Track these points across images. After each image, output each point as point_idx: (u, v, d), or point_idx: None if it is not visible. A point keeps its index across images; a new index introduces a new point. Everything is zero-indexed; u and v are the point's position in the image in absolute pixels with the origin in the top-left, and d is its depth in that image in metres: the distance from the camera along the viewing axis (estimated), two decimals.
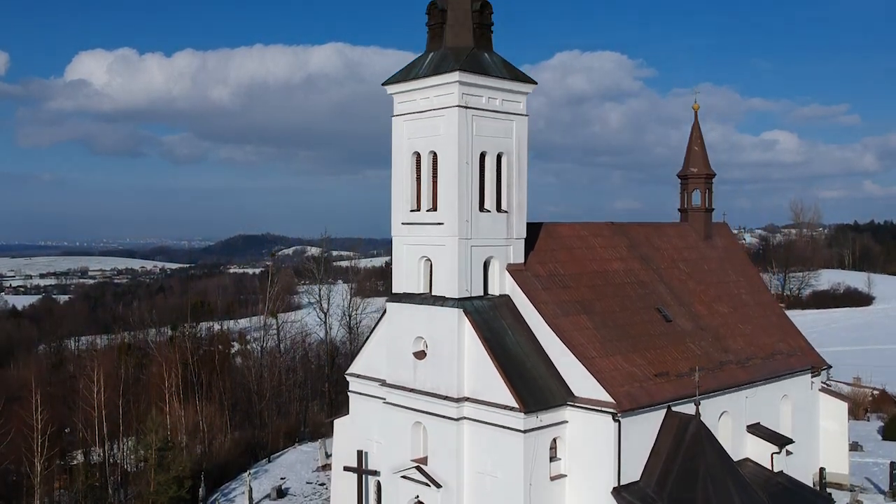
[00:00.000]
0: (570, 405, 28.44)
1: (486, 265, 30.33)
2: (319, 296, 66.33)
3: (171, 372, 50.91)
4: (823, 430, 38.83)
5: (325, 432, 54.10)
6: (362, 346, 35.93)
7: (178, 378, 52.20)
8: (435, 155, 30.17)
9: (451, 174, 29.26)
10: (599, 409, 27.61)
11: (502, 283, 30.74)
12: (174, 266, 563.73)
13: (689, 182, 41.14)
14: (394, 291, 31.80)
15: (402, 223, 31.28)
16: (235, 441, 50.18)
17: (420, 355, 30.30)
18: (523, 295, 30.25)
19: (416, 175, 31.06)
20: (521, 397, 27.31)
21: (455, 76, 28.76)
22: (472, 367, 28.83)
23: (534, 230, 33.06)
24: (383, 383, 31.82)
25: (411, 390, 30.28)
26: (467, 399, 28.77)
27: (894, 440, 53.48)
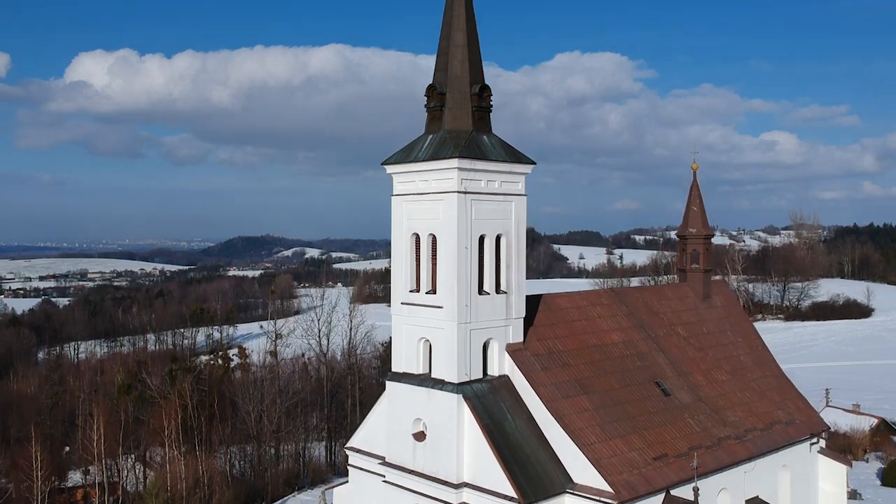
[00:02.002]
0: (570, 492, 28.51)
1: (485, 346, 30.40)
2: (319, 336, 66.25)
3: (170, 419, 50.95)
4: (822, 492, 38.93)
5: (325, 478, 54.41)
6: (363, 420, 35.89)
7: (178, 424, 52.22)
8: (434, 237, 30.22)
9: (451, 259, 29.29)
10: (598, 498, 27.68)
11: (501, 364, 30.80)
12: (174, 268, 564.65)
13: (688, 242, 41.22)
14: (393, 370, 31.87)
15: (402, 303, 31.32)
16: (235, 492, 50.14)
17: (420, 437, 30.35)
18: (522, 377, 30.31)
19: (415, 255, 31.11)
20: (520, 487, 27.35)
21: (454, 163, 28.81)
22: (472, 452, 28.87)
23: (533, 302, 33.15)
24: (383, 461, 31.87)
25: (410, 471, 30.33)
26: (466, 485, 28.81)
27: (894, 486, 53.53)
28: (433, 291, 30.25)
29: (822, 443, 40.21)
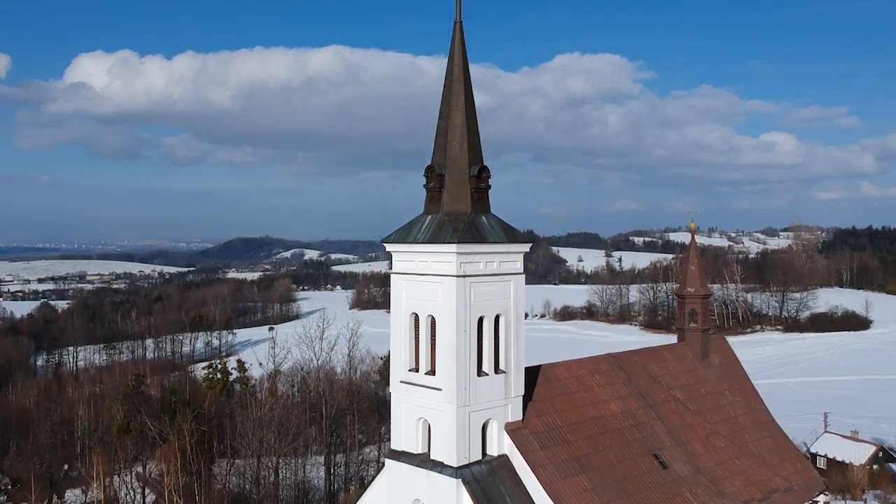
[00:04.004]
0: None
1: (484, 426, 30.47)
2: (319, 378, 66.26)
3: (169, 465, 51.03)
4: None
5: None
6: (363, 492, 35.97)
7: (178, 468, 52.31)
8: (433, 318, 30.29)
9: (450, 342, 29.34)
10: None
11: (500, 444, 30.83)
12: (172, 270, 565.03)
13: (686, 301, 41.34)
14: (392, 447, 31.94)
15: (401, 381, 31.38)
16: None
17: None
18: (521, 458, 30.38)
19: (414, 334, 31.17)
20: None
21: (453, 248, 28.87)
22: None
23: (532, 374, 33.22)
24: None
25: None
26: None
27: None
28: (432, 372, 30.30)
29: (822, 499, 40.43)
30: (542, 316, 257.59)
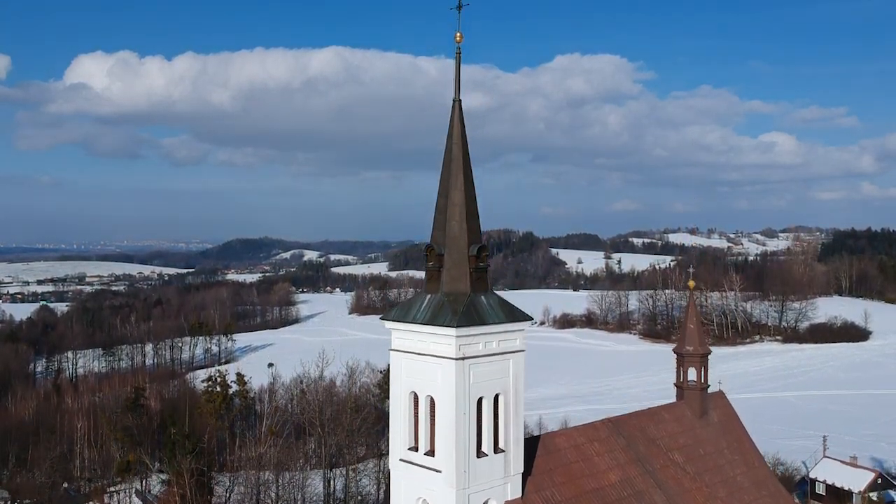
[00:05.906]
0: None
1: None
2: (319, 412, 66.23)
3: None
4: None
5: None
6: None
7: None
8: (432, 399, 30.26)
9: (449, 424, 29.30)
10: None
11: None
12: (171, 271, 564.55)
13: (685, 360, 41.33)
14: None
15: (400, 459, 31.36)
16: None
17: None
18: None
19: (413, 413, 31.13)
20: None
21: (452, 331, 28.84)
22: None
23: (531, 444, 33.18)
24: None
25: None
26: None
27: None
28: (431, 453, 30.26)
29: None
30: (542, 323, 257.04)
